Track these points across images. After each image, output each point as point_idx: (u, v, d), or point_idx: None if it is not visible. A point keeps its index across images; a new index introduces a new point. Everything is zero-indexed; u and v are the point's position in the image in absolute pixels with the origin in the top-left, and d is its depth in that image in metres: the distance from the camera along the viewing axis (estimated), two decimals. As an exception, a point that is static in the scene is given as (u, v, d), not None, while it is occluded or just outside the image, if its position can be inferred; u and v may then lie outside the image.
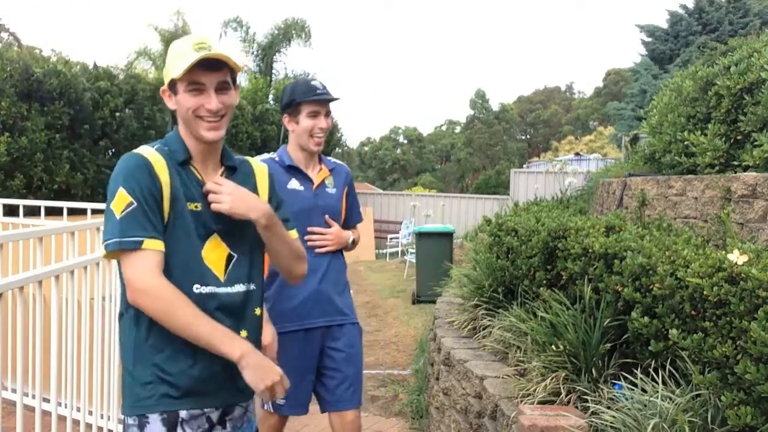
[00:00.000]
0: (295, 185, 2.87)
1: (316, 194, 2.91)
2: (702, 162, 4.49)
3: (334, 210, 2.98)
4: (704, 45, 15.22)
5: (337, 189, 3.00)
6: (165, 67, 1.83)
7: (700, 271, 2.40)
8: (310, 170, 2.94)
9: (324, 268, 2.90)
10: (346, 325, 2.97)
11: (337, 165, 3.08)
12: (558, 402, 2.85)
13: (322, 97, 2.82)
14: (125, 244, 1.68)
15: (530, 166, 27.01)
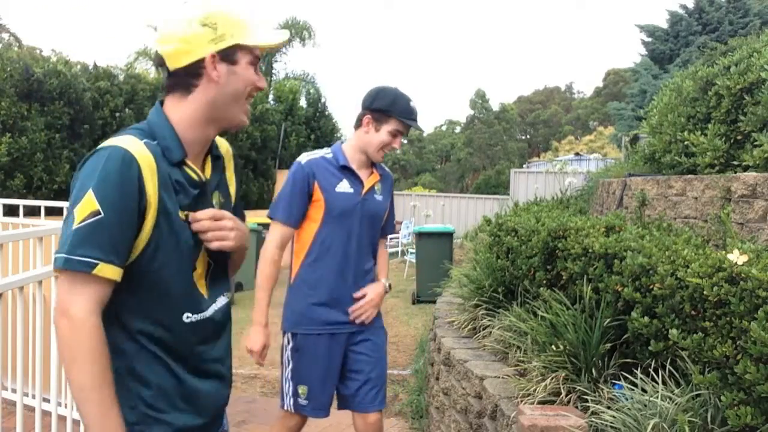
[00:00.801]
0: (344, 187, 2.77)
1: (365, 199, 2.82)
2: (702, 162, 4.49)
3: (377, 218, 2.90)
4: (704, 45, 15.22)
5: (384, 196, 2.93)
6: (218, 27, 1.43)
7: (700, 271, 2.40)
8: (362, 172, 2.84)
9: (353, 271, 2.83)
10: (371, 328, 2.92)
11: (385, 171, 2.99)
12: (558, 402, 2.85)
13: (414, 124, 2.80)
14: (73, 263, 1.30)
15: (530, 166, 27.01)
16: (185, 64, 1.44)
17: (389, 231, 3.07)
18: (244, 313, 8.40)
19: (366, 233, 2.83)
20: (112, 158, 1.35)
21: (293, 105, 16.98)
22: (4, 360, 3.27)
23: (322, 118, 17.68)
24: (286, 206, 2.79)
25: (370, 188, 2.84)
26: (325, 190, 2.74)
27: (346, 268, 2.78)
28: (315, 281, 2.79)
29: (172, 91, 1.49)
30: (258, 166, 15.18)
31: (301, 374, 2.82)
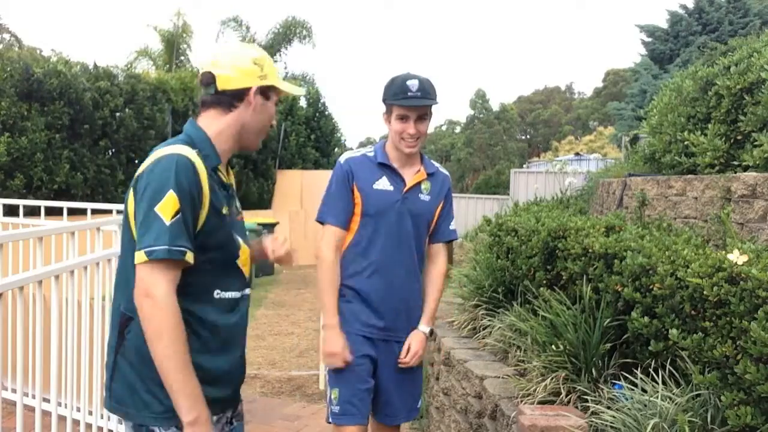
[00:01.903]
0: (383, 184, 2.63)
1: (406, 197, 2.64)
2: (702, 162, 4.49)
3: (423, 220, 2.70)
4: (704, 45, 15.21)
5: (433, 196, 2.71)
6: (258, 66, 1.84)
7: (700, 271, 2.40)
8: (406, 170, 2.67)
9: (393, 272, 2.65)
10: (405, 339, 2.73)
11: (438, 170, 2.79)
12: (558, 402, 2.85)
13: (411, 103, 2.55)
14: (174, 253, 1.61)
15: (530, 166, 27.01)
16: (234, 87, 1.80)
17: (446, 235, 2.81)
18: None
19: (408, 234, 2.64)
20: (181, 165, 1.66)
21: (293, 105, 16.97)
22: (4, 360, 3.27)
23: (322, 118, 17.69)
24: (331, 208, 2.68)
25: (414, 187, 2.66)
26: (362, 189, 2.62)
27: (384, 268, 2.62)
28: (355, 283, 2.65)
29: (214, 107, 1.83)
30: (258, 166, 15.18)
31: (334, 377, 2.66)
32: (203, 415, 1.61)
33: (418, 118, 2.57)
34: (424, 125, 2.60)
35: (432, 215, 2.72)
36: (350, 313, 2.64)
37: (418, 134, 2.59)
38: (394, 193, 2.63)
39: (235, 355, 1.84)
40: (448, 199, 2.79)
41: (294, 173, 16.04)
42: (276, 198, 15.67)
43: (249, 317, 1.97)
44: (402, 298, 2.66)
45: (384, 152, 2.67)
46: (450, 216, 2.79)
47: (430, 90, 2.58)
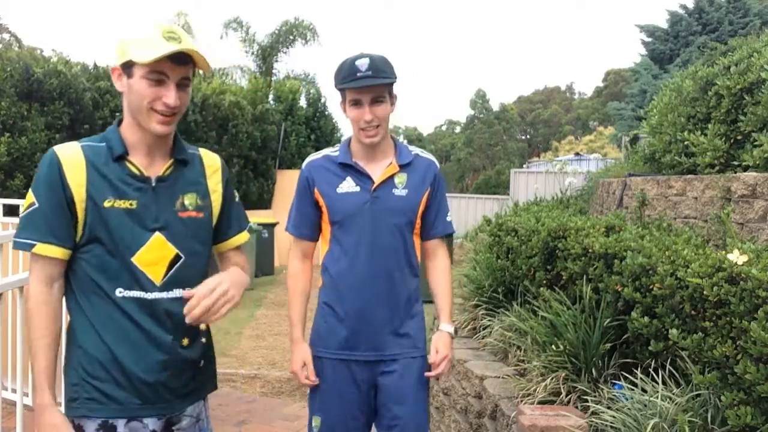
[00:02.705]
0: (348, 186, 2.28)
1: (376, 197, 2.26)
2: (702, 162, 4.49)
3: (403, 218, 2.30)
4: (704, 45, 15.21)
5: (411, 189, 2.31)
6: (120, 44, 1.67)
7: (700, 271, 2.40)
8: (374, 165, 2.30)
9: (376, 284, 2.28)
10: (403, 359, 2.31)
11: (418, 158, 2.37)
12: (558, 402, 2.85)
13: (361, 83, 2.17)
14: (18, 244, 1.66)
15: (530, 166, 27.00)
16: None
17: (438, 231, 2.42)
18: (245, 313, 8.41)
19: (387, 236, 2.27)
20: (43, 159, 1.69)
21: (293, 105, 16.97)
22: (4, 360, 3.27)
23: (322, 118, 17.68)
24: (292, 218, 2.43)
25: (385, 182, 2.28)
26: (325, 194, 2.31)
27: (362, 282, 2.27)
28: (330, 297, 2.33)
29: None
30: (258, 166, 15.18)
31: (316, 402, 2.35)
32: (47, 402, 1.64)
33: (373, 101, 2.20)
34: (381, 108, 2.22)
35: (415, 211, 2.32)
36: (328, 332, 2.31)
37: (377, 120, 2.21)
38: (361, 194, 2.27)
39: (149, 360, 1.70)
40: (436, 188, 2.38)
41: (294, 173, 16.01)
42: (276, 198, 15.67)
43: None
44: (389, 314, 2.29)
45: (348, 149, 2.34)
46: (443, 207, 2.41)
47: (384, 67, 2.21)
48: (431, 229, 2.41)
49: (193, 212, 1.79)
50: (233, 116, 14.08)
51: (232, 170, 14.11)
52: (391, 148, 2.34)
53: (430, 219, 2.39)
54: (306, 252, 2.42)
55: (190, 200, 1.79)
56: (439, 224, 2.41)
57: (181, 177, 1.79)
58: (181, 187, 1.78)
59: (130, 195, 1.69)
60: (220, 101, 13.97)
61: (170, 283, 1.73)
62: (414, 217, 2.33)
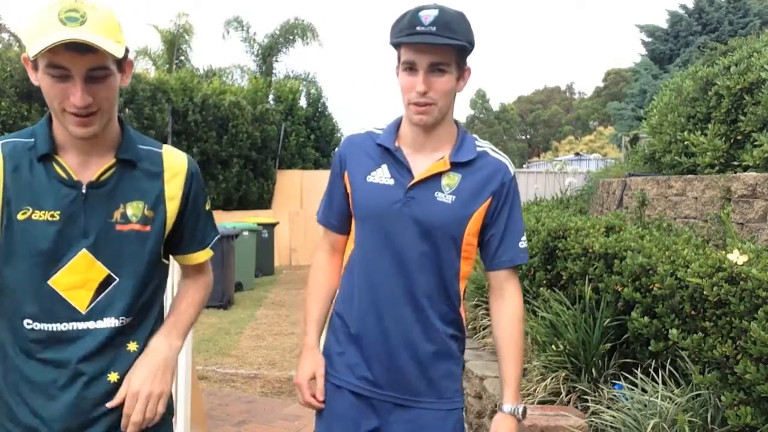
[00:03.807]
0: (382, 176, 1.77)
1: (411, 198, 1.72)
2: (702, 162, 4.49)
3: (441, 233, 1.72)
4: (704, 45, 15.23)
5: (462, 197, 1.72)
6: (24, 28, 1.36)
7: (700, 271, 2.40)
8: (421, 156, 1.76)
9: (393, 310, 1.76)
10: (423, 410, 1.79)
11: (484, 158, 1.78)
12: (558, 402, 2.85)
13: (420, 39, 1.61)
14: None
15: (530, 166, 27.01)
16: None
17: (505, 261, 1.79)
18: (245, 313, 8.41)
19: (417, 251, 1.73)
20: None
21: (293, 105, 16.98)
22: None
23: (321, 118, 17.68)
24: (323, 204, 1.97)
25: (427, 181, 1.73)
26: (353, 180, 1.82)
27: (375, 298, 1.77)
28: (343, 311, 1.87)
29: None
30: (258, 166, 15.18)
31: (320, 424, 1.94)
32: None
33: (432, 67, 1.63)
34: (443, 81, 1.65)
35: (462, 226, 1.74)
36: (337, 354, 1.84)
37: (433, 94, 1.65)
38: (394, 189, 1.74)
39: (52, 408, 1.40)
40: (503, 202, 1.77)
41: (294, 173, 16.04)
42: (276, 198, 15.67)
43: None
44: (409, 349, 1.77)
45: (395, 130, 1.81)
46: (513, 228, 1.78)
47: (456, 26, 1.64)
48: (494, 258, 1.78)
49: (136, 225, 1.45)
50: (233, 116, 14.09)
51: (232, 170, 14.08)
52: (451, 137, 1.77)
53: (492, 243, 1.77)
54: (336, 246, 1.94)
55: (133, 210, 1.46)
56: (505, 251, 1.77)
57: (125, 181, 1.46)
58: (123, 194, 1.45)
59: (52, 204, 1.39)
60: (220, 101, 13.98)
61: (99, 312, 1.43)
62: (460, 234, 1.73)
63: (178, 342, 1.52)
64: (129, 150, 1.48)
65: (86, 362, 1.42)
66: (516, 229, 1.78)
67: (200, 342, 6.45)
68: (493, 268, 1.79)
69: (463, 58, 1.70)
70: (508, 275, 1.80)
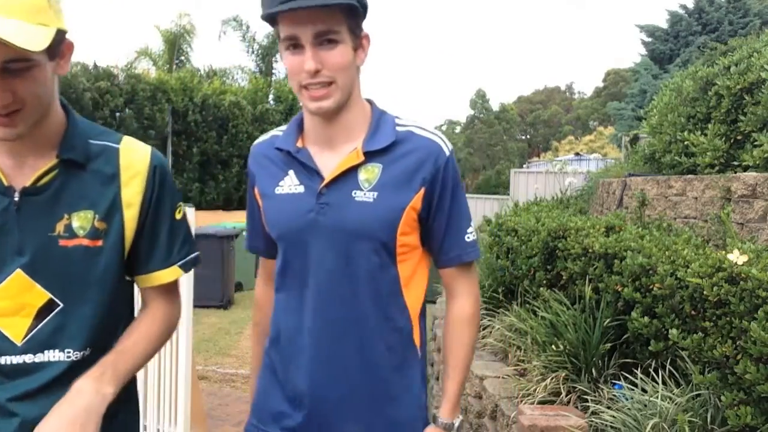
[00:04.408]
0: (290, 185, 1.45)
1: (325, 203, 1.40)
2: (702, 162, 4.49)
3: (369, 236, 1.40)
4: (704, 45, 15.23)
5: (386, 191, 1.40)
6: None
7: (700, 271, 2.40)
8: (329, 152, 1.44)
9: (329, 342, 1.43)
10: None
11: (409, 139, 1.45)
12: (558, 402, 2.85)
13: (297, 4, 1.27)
14: None
15: (530, 166, 27.01)
16: None
17: (450, 258, 1.49)
18: (245, 313, 8.41)
19: (344, 267, 1.40)
20: None
21: (293, 105, 17.00)
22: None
23: (321, 118, 17.74)
24: (247, 227, 1.66)
25: (340, 179, 1.40)
26: (263, 195, 1.52)
27: (315, 333, 1.42)
28: (269, 345, 1.54)
29: None
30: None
31: None
32: None
33: (318, 38, 1.31)
34: (335, 53, 1.33)
35: (392, 226, 1.40)
36: (264, 397, 1.53)
37: (327, 71, 1.33)
38: (304, 197, 1.43)
39: None
40: (440, 189, 1.45)
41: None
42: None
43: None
44: (349, 391, 1.43)
45: (296, 127, 1.50)
46: (457, 218, 1.48)
47: None
48: (439, 255, 1.49)
49: (84, 240, 1.21)
50: (233, 116, 14.10)
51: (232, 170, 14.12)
52: (363, 123, 1.44)
53: (434, 239, 1.47)
54: (270, 272, 1.60)
55: (80, 222, 1.21)
56: (451, 247, 1.47)
57: (71, 187, 1.21)
58: (67, 202, 1.21)
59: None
60: (220, 101, 13.99)
61: (39, 343, 1.19)
62: (391, 236, 1.40)
63: (109, 388, 1.17)
64: (75, 148, 1.22)
65: (20, 402, 1.18)
66: (460, 220, 1.48)
67: (200, 342, 6.45)
68: (442, 266, 1.51)
69: (357, 22, 1.37)
70: (458, 273, 1.51)
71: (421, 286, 1.48)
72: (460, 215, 1.48)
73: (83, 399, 1.13)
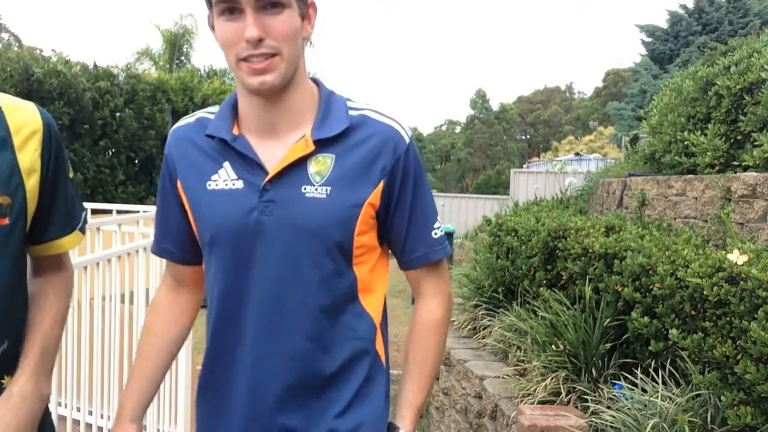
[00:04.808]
0: (225, 180, 1.24)
1: (268, 201, 1.21)
2: (702, 162, 4.49)
3: (321, 237, 1.21)
4: (704, 45, 15.24)
5: (342, 185, 1.22)
6: None
7: (700, 271, 2.40)
8: (271, 141, 1.24)
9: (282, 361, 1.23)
10: None
11: (365, 125, 1.25)
12: (558, 402, 2.85)
13: None
14: None
15: (530, 166, 27.02)
16: None
17: (415, 258, 1.31)
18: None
19: (294, 277, 1.21)
20: None
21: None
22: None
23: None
24: (156, 225, 1.41)
25: (286, 172, 1.21)
26: (188, 191, 1.29)
27: (262, 355, 1.23)
28: (205, 362, 1.36)
29: None
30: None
31: None
32: None
33: (259, 2, 1.12)
34: (283, 18, 1.14)
35: (346, 227, 1.22)
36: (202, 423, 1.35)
37: (271, 41, 1.14)
38: (244, 194, 1.22)
39: None
40: (402, 181, 1.26)
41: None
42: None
43: None
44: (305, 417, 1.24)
45: (230, 110, 1.28)
46: (423, 213, 1.30)
47: None
48: (403, 255, 1.31)
49: None
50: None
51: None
52: (311, 105, 1.25)
53: (397, 238, 1.29)
54: (181, 279, 1.41)
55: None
56: (416, 245, 1.29)
57: None
58: None
59: None
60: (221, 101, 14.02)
61: None
62: (347, 237, 1.21)
63: (47, 387, 1.08)
64: None
65: None
66: (425, 215, 1.29)
67: (200, 341, 6.44)
68: (407, 268, 1.32)
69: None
70: (425, 273, 1.33)
71: (381, 289, 1.31)
72: (425, 210, 1.30)
73: (28, 407, 1.04)
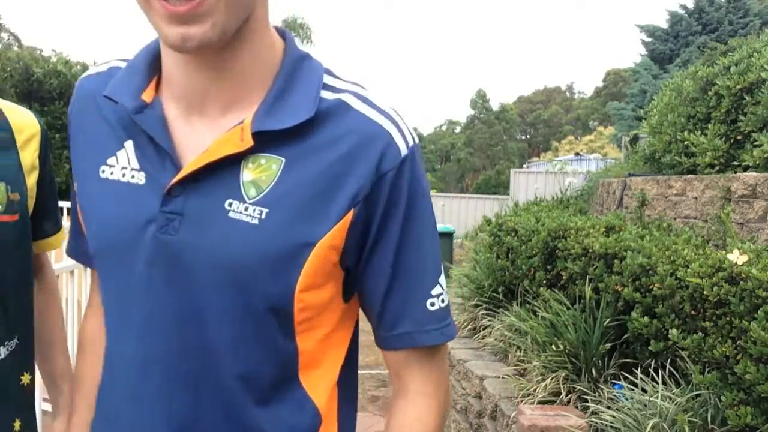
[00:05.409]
0: (124, 168, 0.80)
1: (173, 213, 0.75)
2: (702, 162, 4.49)
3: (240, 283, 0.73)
4: (704, 45, 15.24)
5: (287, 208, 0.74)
6: None
7: (700, 271, 2.40)
8: (200, 118, 0.78)
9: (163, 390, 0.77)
10: None
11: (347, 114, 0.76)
12: (558, 402, 2.85)
13: None
14: None
15: (530, 166, 27.01)
16: None
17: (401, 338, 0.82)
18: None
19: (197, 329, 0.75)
20: None
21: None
22: None
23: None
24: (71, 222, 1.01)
25: (207, 175, 0.75)
26: (79, 175, 0.87)
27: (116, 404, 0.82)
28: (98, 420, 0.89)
29: None
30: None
31: None
32: None
33: None
34: None
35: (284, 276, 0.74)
36: None
37: None
38: (143, 195, 0.78)
39: None
40: (383, 211, 0.77)
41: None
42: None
43: None
44: None
45: (147, 64, 0.82)
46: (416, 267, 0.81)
47: None
48: (380, 328, 0.84)
49: (4, 216, 1.03)
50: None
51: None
52: (266, 75, 0.79)
53: (372, 301, 0.83)
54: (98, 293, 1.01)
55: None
56: (396, 316, 0.82)
57: None
58: None
59: None
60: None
61: None
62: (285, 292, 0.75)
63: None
64: None
65: None
66: (419, 270, 0.81)
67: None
68: (386, 348, 0.85)
69: None
70: (412, 361, 0.84)
71: (336, 363, 0.85)
72: (421, 262, 0.81)
73: None
